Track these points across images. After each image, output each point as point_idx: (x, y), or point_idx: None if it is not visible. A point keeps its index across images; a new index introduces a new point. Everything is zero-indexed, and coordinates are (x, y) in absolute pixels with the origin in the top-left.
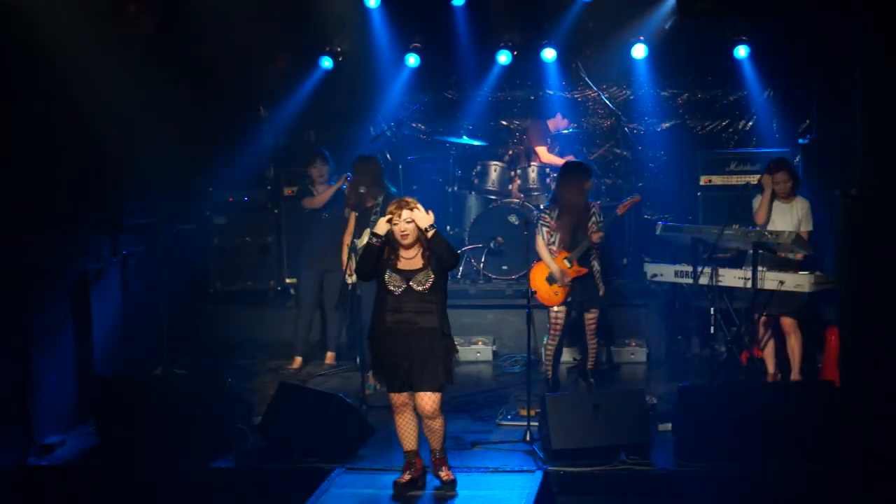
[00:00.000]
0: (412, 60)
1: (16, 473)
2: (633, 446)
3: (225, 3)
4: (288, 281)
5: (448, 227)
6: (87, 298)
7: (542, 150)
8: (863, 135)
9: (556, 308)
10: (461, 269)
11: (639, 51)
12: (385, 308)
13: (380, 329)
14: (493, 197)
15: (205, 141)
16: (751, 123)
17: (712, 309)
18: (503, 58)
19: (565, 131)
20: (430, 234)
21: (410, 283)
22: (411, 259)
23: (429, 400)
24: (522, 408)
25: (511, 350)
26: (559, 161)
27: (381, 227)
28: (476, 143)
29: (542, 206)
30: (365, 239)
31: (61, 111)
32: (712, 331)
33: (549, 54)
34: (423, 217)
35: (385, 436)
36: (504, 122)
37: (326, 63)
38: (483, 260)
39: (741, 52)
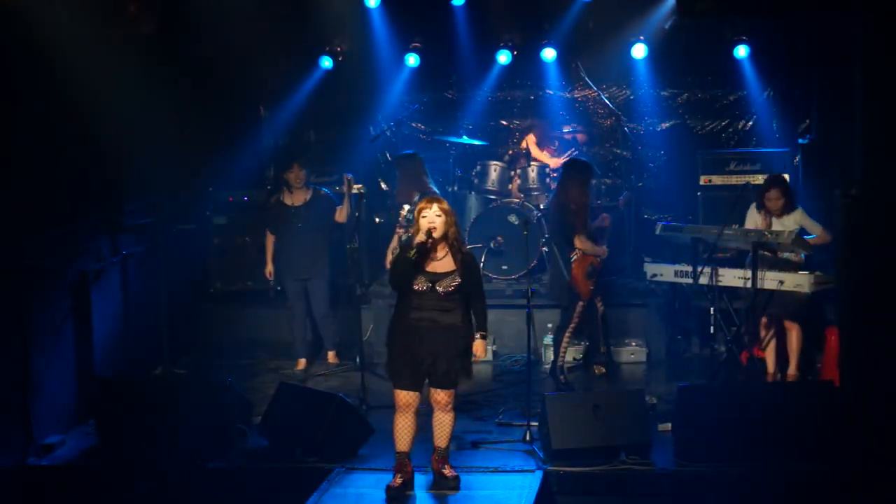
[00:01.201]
0: (412, 60)
1: (16, 473)
2: (633, 446)
3: (225, 3)
4: None
5: None
6: (87, 298)
7: (544, 155)
8: (863, 135)
9: (585, 301)
10: None
11: (639, 51)
12: (408, 305)
13: (401, 326)
14: (493, 197)
15: (205, 141)
16: (751, 123)
17: (712, 309)
18: (503, 58)
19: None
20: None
21: (435, 285)
22: (439, 261)
23: (445, 394)
24: (523, 407)
25: (511, 350)
26: (547, 159)
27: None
28: (476, 143)
29: (541, 206)
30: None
31: (61, 111)
32: (712, 331)
33: (549, 54)
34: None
35: (385, 436)
36: (504, 122)
37: (326, 63)
38: (483, 260)
39: (741, 52)
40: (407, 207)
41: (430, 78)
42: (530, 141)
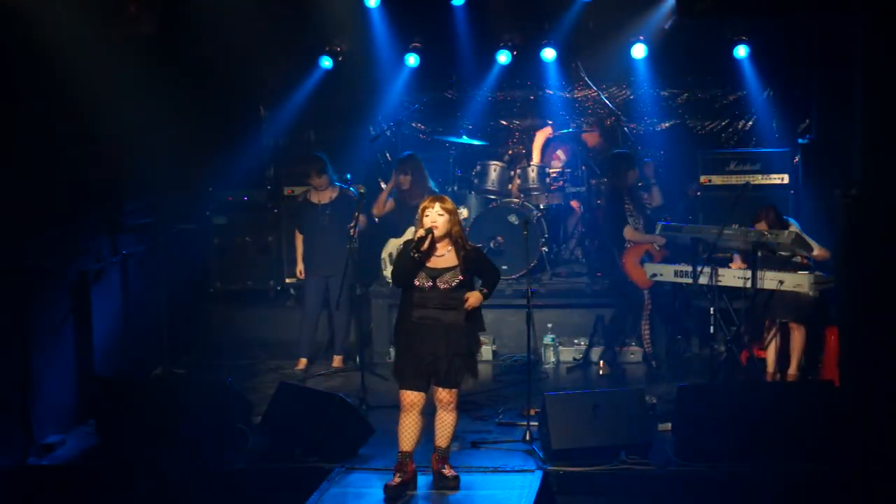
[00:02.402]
0: (412, 60)
1: (16, 473)
2: (633, 446)
3: (225, 3)
4: (288, 281)
5: None
6: (87, 298)
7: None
8: (863, 135)
9: (648, 290)
10: None
11: (639, 51)
12: (411, 303)
13: (404, 325)
14: (492, 197)
15: (205, 141)
16: (750, 123)
17: (712, 309)
18: (503, 58)
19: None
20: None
21: (437, 281)
22: (441, 257)
23: (447, 393)
24: (523, 407)
25: (511, 350)
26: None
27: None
28: (476, 142)
29: (541, 206)
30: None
31: (61, 111)
32: (712, 331)
33: (548, 54)
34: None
35: (385, 436)
36: (504, 122)
37: (326, 63)
38: None
39: (741, 52)
40: None
41: (430, 78)
42: (540, 137)
